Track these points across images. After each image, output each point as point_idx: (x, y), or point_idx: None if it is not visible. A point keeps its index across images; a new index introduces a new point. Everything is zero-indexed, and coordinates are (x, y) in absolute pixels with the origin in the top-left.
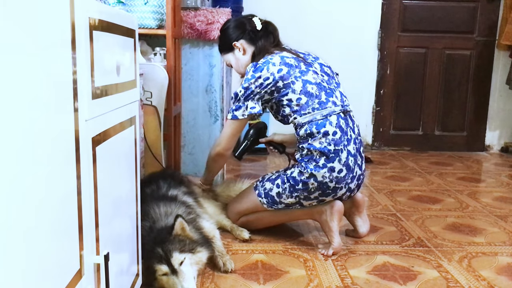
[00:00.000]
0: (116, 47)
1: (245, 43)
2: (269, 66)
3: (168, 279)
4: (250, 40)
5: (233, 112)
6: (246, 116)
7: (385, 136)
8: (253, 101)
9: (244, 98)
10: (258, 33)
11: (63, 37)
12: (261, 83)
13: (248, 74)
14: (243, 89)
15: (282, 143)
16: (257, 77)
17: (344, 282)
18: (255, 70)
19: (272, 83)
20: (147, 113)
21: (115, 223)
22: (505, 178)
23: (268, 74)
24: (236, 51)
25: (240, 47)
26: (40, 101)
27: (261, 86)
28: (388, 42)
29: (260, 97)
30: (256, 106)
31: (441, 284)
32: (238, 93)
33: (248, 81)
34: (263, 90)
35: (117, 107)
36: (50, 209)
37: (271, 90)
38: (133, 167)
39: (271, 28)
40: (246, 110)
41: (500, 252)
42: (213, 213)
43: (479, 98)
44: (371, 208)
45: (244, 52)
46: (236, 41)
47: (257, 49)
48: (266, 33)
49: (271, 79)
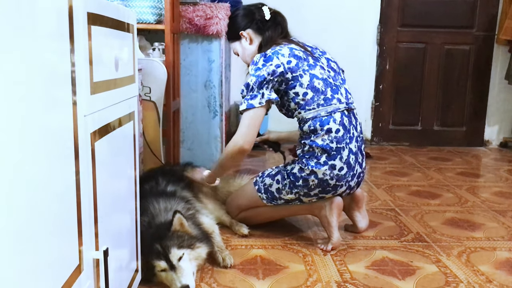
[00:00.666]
0: (115, 42)
1: (252, 33)
2: (279, 56)
3: (167, 275)
4: (258, 30)
5: (248, 101)
6: (264, 103)
7: (384, 132)
8: (267, 89)
9: (257, 86)
10: (267, 23)
11: (61, 31)
12: (273, 70)
13: (259, 63)
14: (254, 77)
15: (277, 141)
16: (268, 64)
17: (343, 277)
18: (265, 59)
19: (282, 73)
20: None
21: (114, 218)
22: (504, 173)
23: (278, 62)
24: (243, 40)
25: (247, 36)
26: (38, 96)
27: (273, 74)
28: (387, 37)
29: (272, 85)
30: (271, 93)
31: (440, 279)
32: (249, 83)
33: (259, 69)
34: (275, 79)
35: (115, 102)
36: (49, 204)
37: (281, 79)
38: (132, 162)
39: (280, 19)
40: (263, 98)
41: (498, 247)
42: (212, 208)
43: (478, 93)
44: (370, 203)
45: (251, 42)
46: (243, 30)
47: (264, 39)
48: (275, 24)
49: (282, 68)
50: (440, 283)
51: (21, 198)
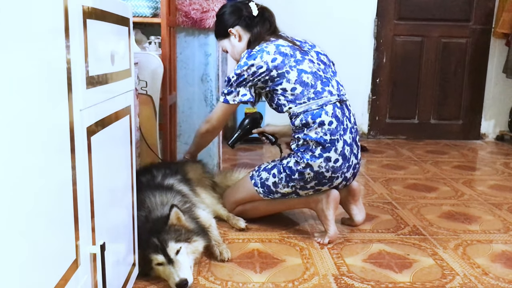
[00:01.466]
0: (110, 35)
1: (240, 30)
2: (263, 54)
3: (165, 268)
4: (246, 26)
5: (225, 96)
6: (237, 102)
7: (381, 125)
8: (245, 88)
9: (236, 84)
10: (254, 19)
11: (56, 25)
12: (254, 71)
13: (242, 61)
14: (235, 75)
15: (274, 134)
16: (250, 64)
17: (340, 270)
18: (248, 57)
19: (265, 72)
20: (142, 103)
21: (111, 213)
22: (500, 167)
23: (261, 63)
24: (231, 38)
25: (236, 33)
26: (33, 90)
27: (254, 74)
28: (384, 30)
29: (252, 84)
30: (247, 93)
31: (436, 272)
32: (230, 78)
33: (240, 67)
34: (256, 78)
35: (112, 96)
36: (45, 199)
37: (265, 79)
38: (128, 156)
39: (267, 15)
40: (237, 97)
41: (494, 240)
42: (209, 202)
43: (475, 86)
44: (367, 196)
45: (239, 39)
46: (231, 27)
47: (252, 36)
48: (262, 20)
49: (265, 67)
50: (437, 276)
51: (17, 193)
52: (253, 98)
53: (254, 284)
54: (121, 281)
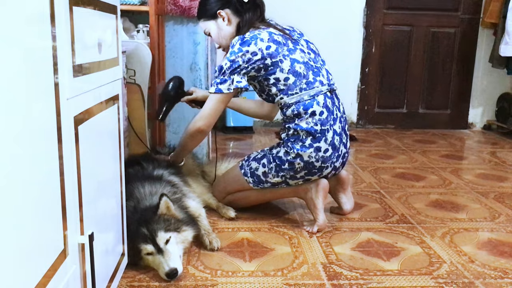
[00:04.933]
0: (98, 23)
1: (230, 13)
2: (257, 41)
3: (154, 258)
4: (236, 10)
5: (217, 86)
6: (232, 90)
7: (369, 114)
8: (239, 75)
9: (230, 72)
10: (246, 4)
11: (41, 11)
12: (249, 58)
13: (235, 47)
14: (229, 62)
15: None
16: (244, 51)
17: (328, 259)
18: (242, 43)
19: (260, 60)
20: (131, 92)
21: (100, 203)
22: (487, 156)
23: (256, 49)
24: (219, 20)
25: (225, 16)
26: (18, 80)
27: (249, 62)
28: (373, 19)
29: (246, 72)
30: (242, 80)
31: (424, 259)
32: (223, 66)
33: (234, 54)
34: (250, 66)
35: (99, 85)
36: (32, 190)
37: (259, 67)
38: (117, 146)
39: (259, 1)
40: (232, 84)
41: (481, 228)
42: (199, 191)
43: (463, 76)
44: (356, 185)
45: (229, 22)
46: (221, 9)
47: (243, 21)
48: (254, 6)
49: (260, 55)
50: (424, 264)
51: (3, 183)
52: (248, 85)
53: (243, 273)
54: (110, 271)
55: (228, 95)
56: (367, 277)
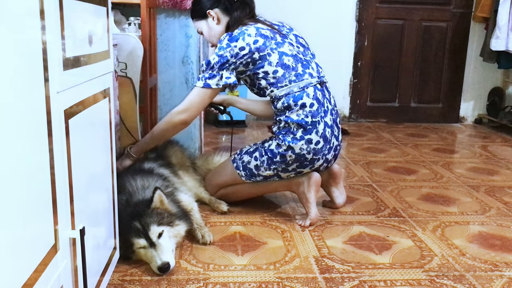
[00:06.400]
0: (88, 16)
1: (220, 12)
2: (244, 36)
3: (146, 252)
4: (226, 9)
5: (206, 80)
6: (221, 85)
7: (362, 108)
8: (228, 71)
9: (218, 67)
10: (235, 3)
11: (31, 4)
12: (237, 52)
13: (223, 43)
14: (217, 57)
15: (221, 103)
16: (232, 46)
17: (321, 252)
18: (230, 39)
19: (248, 54)
20: (122, 85)
21: (91, 197)
22: (478, 149)
23: (244, 44)
24: (209, 20)
25: (215, 15)
26: (7, 72)
27: (237, 56)
28: (366, 13)
29: (234, 67)
30: (231, 76)
31: (415, 252)
32: (211, 61)
33: (223, 49)
34: (238, 61)
35: (90, 78)
36: (22, 184)
37: (247, 61)
38: (108, 140)
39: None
40: (221, 80)
41: (472, 221)
42: (192, 185)
43: (454, 70)
44: (348, 179)
45: (218, 21)
46: (210, 9)
47: (232, 19)
48: (243, 4)
49: (247, 49)
50: (416, 257)
51: None
52: (237, 81)
53: (236, 267)
54: (101, 265)
55: (215, 90)
56: (359, 270)
